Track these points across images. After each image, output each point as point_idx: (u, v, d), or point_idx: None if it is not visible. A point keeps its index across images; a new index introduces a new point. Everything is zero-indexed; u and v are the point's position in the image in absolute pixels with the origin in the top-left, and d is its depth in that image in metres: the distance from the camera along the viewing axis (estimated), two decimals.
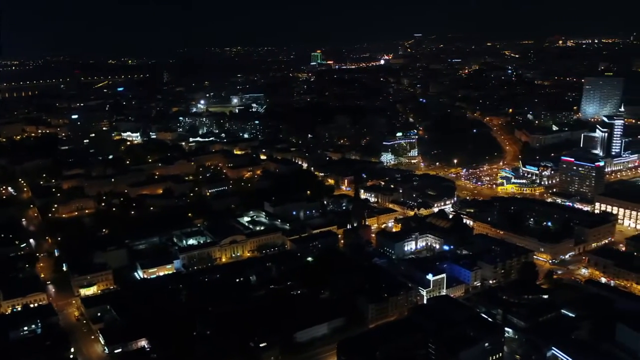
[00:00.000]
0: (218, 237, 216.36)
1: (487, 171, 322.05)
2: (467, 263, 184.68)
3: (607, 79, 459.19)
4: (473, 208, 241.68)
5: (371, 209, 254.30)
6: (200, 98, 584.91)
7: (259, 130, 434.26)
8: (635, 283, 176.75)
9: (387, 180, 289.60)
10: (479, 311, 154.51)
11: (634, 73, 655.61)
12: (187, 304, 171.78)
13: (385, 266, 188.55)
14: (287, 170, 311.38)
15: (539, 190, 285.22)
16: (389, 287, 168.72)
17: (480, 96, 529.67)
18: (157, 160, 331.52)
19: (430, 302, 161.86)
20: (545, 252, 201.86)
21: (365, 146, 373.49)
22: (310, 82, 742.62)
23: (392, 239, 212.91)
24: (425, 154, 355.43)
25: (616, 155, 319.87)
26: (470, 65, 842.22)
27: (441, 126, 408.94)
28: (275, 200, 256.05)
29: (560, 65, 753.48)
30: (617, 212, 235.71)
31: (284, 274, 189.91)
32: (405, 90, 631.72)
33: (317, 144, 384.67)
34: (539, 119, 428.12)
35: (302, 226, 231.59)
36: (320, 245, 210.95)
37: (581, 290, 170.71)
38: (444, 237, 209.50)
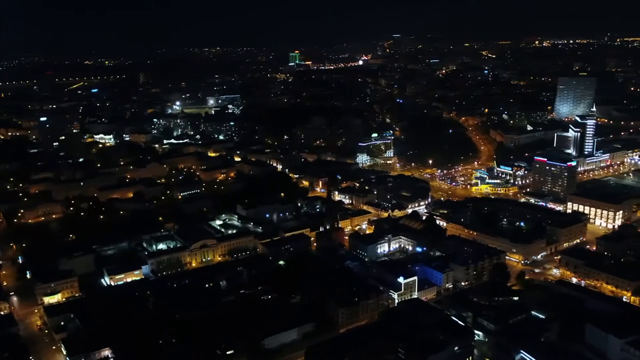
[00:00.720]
0: (188, 242, 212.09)
1: (462, 171, 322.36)
2: (439, 265, 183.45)
3: (580, 79, 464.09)
4: (446, 209, 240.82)
5: (345, 210, 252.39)
6: (176, 99, 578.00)
7: (235, 131, 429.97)
8: (605, 283, 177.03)
9: (362, 181, 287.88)
10: (450, 314, 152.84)
11: (607, 73, 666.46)
12: (154, 311, 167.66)
13: (357, 269, 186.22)
14: (261, 172, 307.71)
15: (512, 190, 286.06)
16: (359, 291, 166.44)
17: (457, 96, 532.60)
18: (128, 163, 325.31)
19: (400, 306, 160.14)
20: (517, 252, 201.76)
21: (341, 147, 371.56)
22: (288, 82, 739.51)
23: (364, 242, 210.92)
24: (401, 155, 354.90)
25: (589, 154, 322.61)
26: (448, 66, 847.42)
27: (417, 127, 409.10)
28: (248, 203, 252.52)
29: (536, 66, 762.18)
30: (589, 212, 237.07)
31: (255, 278, 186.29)
32: (382, 90, 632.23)
33: (293, 145, 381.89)
34: (514, 119, 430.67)
35: (275, 229, 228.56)
36: (292, 249, 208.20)
37: (552, 291, 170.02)
38: (416, 238, 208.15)
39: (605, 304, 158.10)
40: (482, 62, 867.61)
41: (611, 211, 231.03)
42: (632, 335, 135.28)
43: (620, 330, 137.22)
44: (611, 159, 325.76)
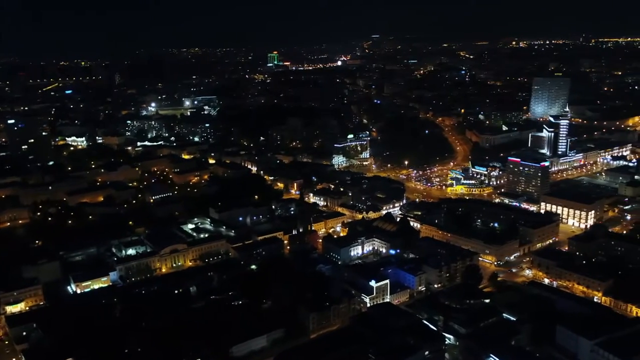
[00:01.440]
0: (158, 247, 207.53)
1: (437, 172, 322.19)
2: (412, 268, 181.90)
3: (554, 79, 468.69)
4: (421, 210, 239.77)
5: (320, 213, 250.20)
6: (151, 100, 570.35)
7: (210, 133, 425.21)
8: (576, 283, 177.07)
9: (337, 183, 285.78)
10: (421, 318, 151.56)
11: (581, 73, 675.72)
12: (121, 318, 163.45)
13: (329, 273, 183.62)
14: (236, 174, 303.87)
15: (487, 190, 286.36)
16: (331, 296, 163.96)
17: (434, 97, 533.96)
18: (100, 166, 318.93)
19: (371, 310, 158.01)
20: (490, 253, 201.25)
21: (317, 148, 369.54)
22: (266, 83, 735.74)
23: (338, 244, 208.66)
24: (377, 156, 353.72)
25: (562, 154, 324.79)
26: (426, 66, 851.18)
27: (394, 127, 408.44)
28: (221, 206, 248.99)
29: (512, 66, 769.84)
30: (562, 212, 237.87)
31: (226, 283, 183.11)
32: (360, 91, 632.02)
33: (269, 147, 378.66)
34: (490, 119, 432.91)
35: (248, 233, 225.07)
36: (264, 253, 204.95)
37: (524, 293, 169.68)
38: (390, 241, 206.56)
39: (576, 304, 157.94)
40: (460, 63, 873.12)
41: (583, 211, 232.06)
42: (602, 336, 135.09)
43: (590, 331, 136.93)
44: (584, 159, 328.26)
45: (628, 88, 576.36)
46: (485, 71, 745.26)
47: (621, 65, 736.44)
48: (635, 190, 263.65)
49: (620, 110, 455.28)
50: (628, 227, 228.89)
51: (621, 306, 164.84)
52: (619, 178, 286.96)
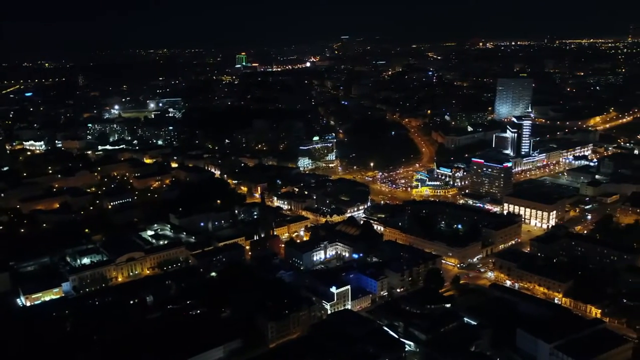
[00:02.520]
0: (114, 255, 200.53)
1: (403, 174, 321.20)
2: (374, 272, 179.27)
3: (518, 80, 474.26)
4: (385, 213, 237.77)
5: (283, 217, 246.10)
6: (115, 103, 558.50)
7: (174, 136, 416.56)
8: (537, 285, 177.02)
9: (301, 186, 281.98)
10: (382, 324, 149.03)
11: (545, 74, 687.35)
12: (72, 332, 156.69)
13: (289, 280, 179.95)
14: (198, 178, 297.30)
15: (452, 191, 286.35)
16: (291, 303, 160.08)
17: (401, 98, 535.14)
18: (57, 172, 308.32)
19: (331, 318, 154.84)
20: (453, 256, 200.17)
21: (282, 151, 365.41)
22: (234, 85, 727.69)
23: (300, 250, 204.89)
24: (343, 158, 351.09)
25: (525, 154, 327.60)
26: (394, 67, 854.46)
27: (360, 129, 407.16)
28: (182, 211, 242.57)
29: (479, 67, 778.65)
30: (524, 212, 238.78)
31: (184, 292, 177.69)
32: (328, 92, 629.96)
33: (234, 150, 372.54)
34: (455, 120, 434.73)
35: (209, 239, 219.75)
36: (224, 259, 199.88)
37: (486, 295, 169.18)
38: (353, 245, 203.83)
39: (536, 307, 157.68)
40: (428, 64, 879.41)
41: (545, 211, 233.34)
42: (560, 339, 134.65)
43: (549, 334, 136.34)
44: (547, 159, 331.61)
45: (590, 88, 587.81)
46: (452, 72, 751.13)
47: (584, 66, 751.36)
48: (596, 190, 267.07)
49: (582, 111, 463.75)
50: (589, 227, 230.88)
51: (581, 307, 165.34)
52: (580, 178, 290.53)
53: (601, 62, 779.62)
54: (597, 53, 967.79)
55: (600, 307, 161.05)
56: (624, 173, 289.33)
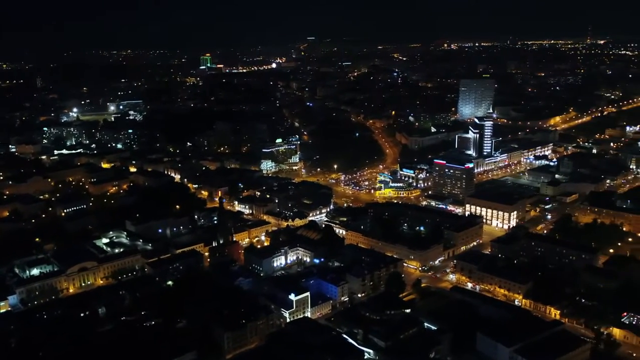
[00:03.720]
0: (66, 265, 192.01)
1: (367, 175, 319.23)
2: (334, 278, 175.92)
3: (480, 81, 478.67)
4: (347, 216, 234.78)
5: (244, 222, 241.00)
6: (74, 105, 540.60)
7: (134, 139, 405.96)
8: (498, 287, 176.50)
9: (263, 189, 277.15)
10: (341, 332, 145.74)
11: (508, 74, 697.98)
12: (17, 348, 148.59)
13: (248, 287, 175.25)
14: (157, 183, 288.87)
15: (415, 193, 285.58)
16: (249, 312, 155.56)
17: (366, 99, 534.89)
18: (8, 178, 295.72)
19: (289, 327, 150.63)
20: (415, 259, 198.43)
21: (245, 154, 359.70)
22: (198, 86, 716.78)
23: (260, 255, 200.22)
24: (307, 160, 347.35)
25: (487, 155, 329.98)
26: (360, 68, 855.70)
27: (325, 131, 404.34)
28: (139, 217, 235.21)
29: (443, 68, 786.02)
30: (486, 213, 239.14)
31: (139, 302, 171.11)
32: (293, 94, 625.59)
33: (196, 153, 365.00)
34: (419, 121, 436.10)
35: (166, 246, 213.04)
36: (181, 267, 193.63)
37: (446, 298, 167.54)
38: (314, 249, 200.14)
39: (497, 309, 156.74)
40: (393, 65, 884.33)
41: (506, 212, 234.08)
42: (519, 342, 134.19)
43: (508, 338, 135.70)
44: (509, 159, 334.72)
45: (550, 89, 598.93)
46: (417, 73, 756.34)
47: (544, 67, 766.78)
48: (556, 190, 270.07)
49: (542, 111, 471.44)
50: (549, 227, 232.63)
51: (540, 308, 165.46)
52: (540, 177, 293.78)
53: (561, 63, 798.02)
54: (558, 54, 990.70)
55: (559, 307, 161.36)
56: (582, 172, 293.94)
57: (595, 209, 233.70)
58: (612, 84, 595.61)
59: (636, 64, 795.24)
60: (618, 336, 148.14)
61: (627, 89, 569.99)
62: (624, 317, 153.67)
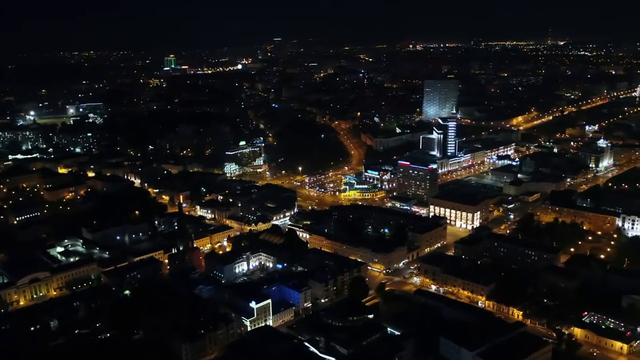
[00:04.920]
0: (16, 276, 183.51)
1: (332, 177, 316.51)
2: (296, 283, 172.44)
3: (444, 81, 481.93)
4: (311, 219, 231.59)
5: (206, 227, 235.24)
6: (31, 108, 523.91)
7: (93, 143, 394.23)
8: (461, 289, 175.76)
9: (226, 193, 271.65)
10: (303, 339, 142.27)
11: (471, 75, 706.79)
12: None
13: (208, 295, 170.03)
14: (115, 188, 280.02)
15: (380, 195, 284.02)
16: (208, 321, 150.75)
17: (331, 100, 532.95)
18: None
19: (248, 336, 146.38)
20: (379, 262, 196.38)
21: (208, 157, 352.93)
22: (161, 88, 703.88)
23: (221, 262, 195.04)
24: (271, 162, 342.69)
25: (451, 155, 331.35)
26: (326, 69, 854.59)
27: (290, 132, 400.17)
28: (96, 224, 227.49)
29: (408, 68, 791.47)
30: (449, 214, 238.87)
31: (94, 314, 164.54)
32: (258, 95, 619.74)
33: (158, 157, 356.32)
34: (384, 122, 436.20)
35: (124, 253, 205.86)
36: (139, 276, 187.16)
37: (410, 302, 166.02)
38: (276, 254, 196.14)
39: (460, 312, 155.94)
40: (359, 66, 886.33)
41: (469, 212, 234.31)
42: (482, 346, 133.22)
43: (471, 341, 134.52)
44: (472, 159, 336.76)
45: (512, 89, 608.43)
46: (383, 74, 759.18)
47: (507, 67, 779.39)
48: (518, 189, 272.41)
49: (505, 111, 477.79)
50: (512, 227, 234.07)
51: (503, 309, 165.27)
52: (503, 177, 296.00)
53: (523, 64, 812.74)
54: (520, 55, 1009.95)
55: (521, 308, 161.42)
56: (544, 172, 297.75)
57: (556, 208, 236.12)
58: (571, 84, 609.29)
59: (594, 64, 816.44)
60: (579, 336, 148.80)
61: (586, 89, 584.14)
62: (584, 317, 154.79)
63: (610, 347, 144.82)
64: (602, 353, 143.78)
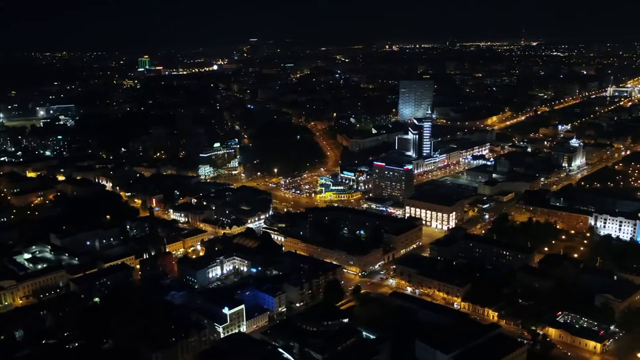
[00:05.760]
0: None
1: (307, 179, 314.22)
2: (270, 288, 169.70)
3: (419, 82, 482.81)
4: (285, 222, 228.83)
5: (179, 231, 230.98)
6: None
7: (64, 146, 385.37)
8: (437, 290, 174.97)
9: (200, 196, 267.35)
10: (277, 346, 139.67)
11: (447, 75, 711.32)
12: None
13: (180, 301, 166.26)
14: (86, 192, 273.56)
15: (356, 196, 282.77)
16: (179, 329, 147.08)
17: (308, 101, 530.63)
18: None
19: (221, 343, 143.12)
20: (354, 264, 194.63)
21: (182, 159, 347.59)
22: (135, 89, 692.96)
23: (194, 266, 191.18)
24: (247, 164, 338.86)
25: (427, 156, 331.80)
26: (302, 70, 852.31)
27: (266, 133, 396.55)
28: (66, 230, 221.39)
29: (385, 69, 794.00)
30: (425, 215, 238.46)
31: (62, 323, 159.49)
32: (233, 96, 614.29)
33: (131, 159, 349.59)
34: (360, 122, 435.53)
35: (94, 259, 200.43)
36: (109, 282, 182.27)
37: (386, 305, 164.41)
38: (251, 258, 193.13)
39: (435, 314, 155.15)
40: (336, 66, 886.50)
41: (445, 213, 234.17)
42: (458, 348, 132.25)
43: (446, 344, 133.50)
44: (448, 159, 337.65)
45: (487, 89, 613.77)
46: (359, 74, 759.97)
47: (482, 68, 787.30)
48: (493, 189, 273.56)
49: (480, 111, 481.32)
50: (487, 227, 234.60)
51: (479, 310, 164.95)
52: (478, 177, 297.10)
53: (497, 64, 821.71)
54: (494, 55, 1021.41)
55: (496, 309, 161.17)
56: (518, 171, 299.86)
57: (530, 207, 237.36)
58: (544, 84, 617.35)
59: (567, 64, 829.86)
60: (553, 336, 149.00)
61: (559, 89, 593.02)
62: (558, 317, 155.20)
63: (584, 346, 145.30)
64: (575, 353, 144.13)
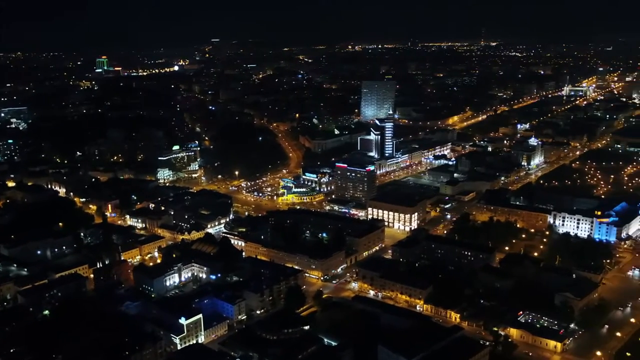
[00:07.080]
0: None
1: (269, 181, 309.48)
2: (229, 295, 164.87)
3: (381, 82, 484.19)
4: (246, 226, 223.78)
5: (135, 237, 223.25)
6: None
7: (15, 150, 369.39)
8: (400, 293, 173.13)
9: (158, 201, 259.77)
10: (236, 356, 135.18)
11: (409, 76, 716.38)
12: None
13: (135, 311, 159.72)
14: (37, 198, 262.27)
15: (319, 198, 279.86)
16: (133, 341, 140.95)
17: (270, 102, 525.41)
18: None
19: (177, 355, 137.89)
20: (316, 268, 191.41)
21: (140, 163, 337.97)
22: (92, 91, 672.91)
23: (151, 274, 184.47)
24: (207, 167, 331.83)
25: (389, 156, 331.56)
26: (265, 70, 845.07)
27: (227, 135, 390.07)
28: (14, 239, 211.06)
29: (347, 69, 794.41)
30: (388, 216, 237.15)
31: (9, 338, 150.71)
32: (194, 97, 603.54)
33: (86, 163, 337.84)
34: (323, 123, 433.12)
35: (45, 270, 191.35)
36: (60, 294, 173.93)
37: (348, 309, 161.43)
38: (209, 265, 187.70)
39: (398, 317, 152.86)
40: (299, 67, 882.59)
41: (407, 214, 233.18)
42: (420, 352, 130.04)
43: (409, 349, 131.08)
44: (410, 159, 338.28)
45: (448, 89, 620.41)
46: (322, 75, 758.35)
47: (443, 68, 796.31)
48: (454, 189, 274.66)
49: (441, 110, 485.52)
50: (448, 227, 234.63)
51: (441, 312, 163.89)
52: (440, 177, 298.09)
53: (458, 64, 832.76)
54: (455, 55, 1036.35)
55: (459, 311, 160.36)
56: (479, 170, 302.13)
57: (491, 207, 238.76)
58: (503, 84, 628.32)
59: (525, 64, 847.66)
60: (515, 336, 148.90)
61: (517, 88, 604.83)
62: (520, 316, 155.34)
63: (545, 346, 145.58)
64: (537, 353, 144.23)
